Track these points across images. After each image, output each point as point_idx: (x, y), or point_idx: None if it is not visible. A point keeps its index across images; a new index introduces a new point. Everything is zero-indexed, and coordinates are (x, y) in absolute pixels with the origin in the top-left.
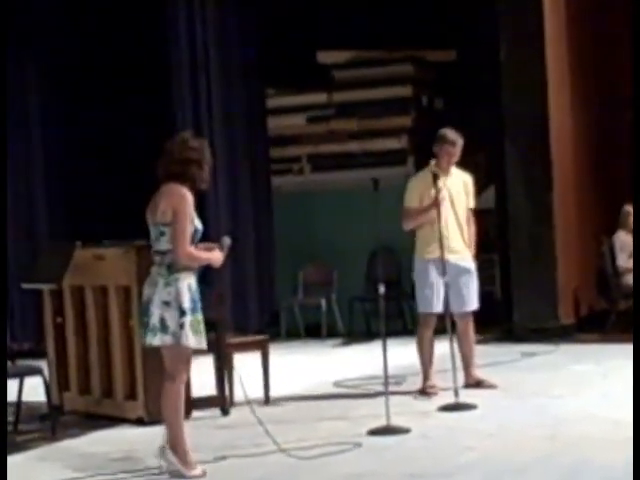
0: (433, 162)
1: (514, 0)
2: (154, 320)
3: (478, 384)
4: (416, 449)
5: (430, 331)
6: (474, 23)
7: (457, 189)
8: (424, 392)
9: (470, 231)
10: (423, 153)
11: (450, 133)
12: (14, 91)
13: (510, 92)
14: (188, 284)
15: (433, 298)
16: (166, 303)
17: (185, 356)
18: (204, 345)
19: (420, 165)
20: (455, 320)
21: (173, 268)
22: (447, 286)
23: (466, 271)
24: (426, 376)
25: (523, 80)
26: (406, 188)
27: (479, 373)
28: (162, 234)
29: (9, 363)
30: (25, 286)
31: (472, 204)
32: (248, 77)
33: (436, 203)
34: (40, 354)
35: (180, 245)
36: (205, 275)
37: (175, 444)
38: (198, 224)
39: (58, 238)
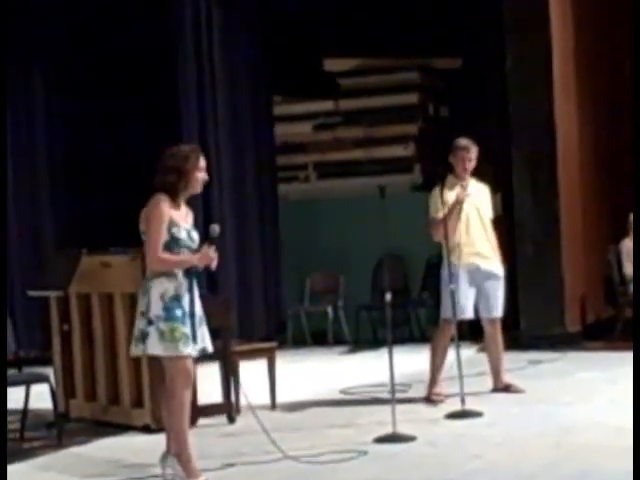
0: (451, 176)
1: (520, 7)
2: (135, 331)
3: (506, 388)
4: (422, 457)
5: (447, 338)
6: (480, 30)
7: (481, 198)
8: (429, 399)
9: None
10: (429, 160)
11: (462, 140)
12: (18, 94)
13: (516, 99)
14: (160, 292)
15: (460, 304)
16: (142, 313)
17: (179, 364)
18: (181, 353)
19: (426, 172)
20: (483, 325)
21: (148, 277)
22: (476, 292)
23: (495, 276)
24: (433, 382)
25: (529, 88)
26: (429, 202)
27: (507, 377)
28: (143, 243)
29: (16, 370)
30: (31, 293)
31: (491, 214)
32: (255, 84)
33: (459, 199)
34: (46, 361)
35: (150, 251)
36: (211, 281)
37: (179, 452)
38: (177, 232)
39: (64, 245)
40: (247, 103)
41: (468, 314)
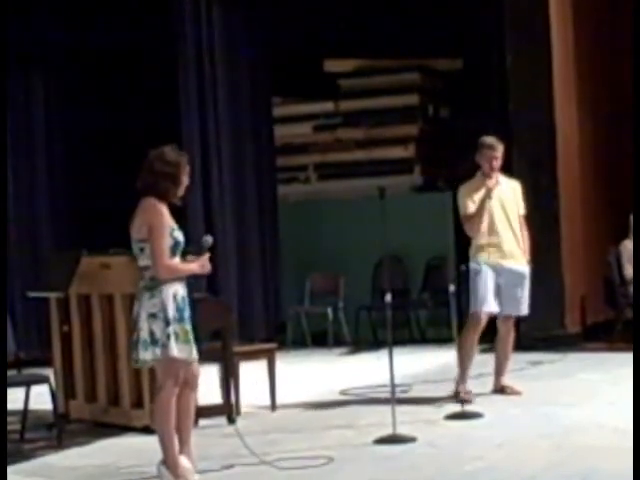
0: (479, 174)
1: (521, 9)
2: (144, 335)
3: (501, 390)
4: (422, 458)
5: (477, 334)
6: (480, 31)
7: (508, 195)
8: (458, 397)
9: (523, 237)
10: (429, 162)
11: (488, 138)
12: (18, 97)
13: (517, 101)
14: (173, 294)
15: (486, 297)
16: (152, 315)
17: (174, 368)
18: (193, 355)
19: (427, 174)
20: (498, 324)
21: (156, 280)
22: (499, 289)
23: (519, 275)
24: (463, 379)
25: (530, 89)
26: (458, 200)
27: (505, 379)
28: (141, 250)
29: (16, 371)
30: (31, 294)
31: (522, 210)
32: (255, 85)
33: (489, 189)
34: (46, 362)
35: (159, 260)
36: (211, 283)
37: (165, 457)
38: (178, 236)
39: (63, 246)
40: (247, 104)
41: (493, 308)
